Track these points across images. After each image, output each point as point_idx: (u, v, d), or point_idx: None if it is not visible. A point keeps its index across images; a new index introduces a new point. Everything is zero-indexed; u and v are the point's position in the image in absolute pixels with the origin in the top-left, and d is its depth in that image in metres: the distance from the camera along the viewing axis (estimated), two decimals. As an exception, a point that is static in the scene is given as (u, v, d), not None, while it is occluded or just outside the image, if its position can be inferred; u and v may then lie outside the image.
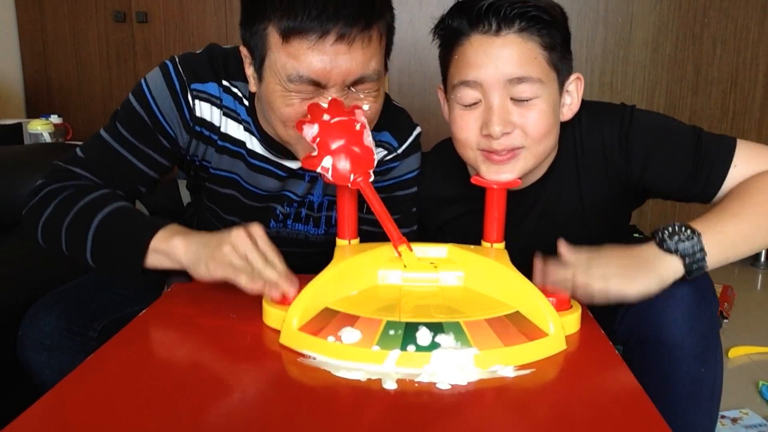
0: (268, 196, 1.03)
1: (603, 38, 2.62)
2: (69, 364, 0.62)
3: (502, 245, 0.85)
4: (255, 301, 0.83)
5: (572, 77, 0.92)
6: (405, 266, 0.79)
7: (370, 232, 0.93)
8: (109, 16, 2.78)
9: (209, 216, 1.08)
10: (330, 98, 0.82)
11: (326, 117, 0.80)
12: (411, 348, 0.64)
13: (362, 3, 0.80)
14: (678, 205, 2.77)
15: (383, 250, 0.81)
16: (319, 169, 0.81)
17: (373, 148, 0.82)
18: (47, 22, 2.81)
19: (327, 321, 0.69)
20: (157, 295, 0.86)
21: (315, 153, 0.81)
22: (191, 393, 0.60)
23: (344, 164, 0.80)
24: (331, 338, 0.66)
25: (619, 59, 2.62)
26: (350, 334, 0.66)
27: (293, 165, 1.00)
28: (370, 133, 0.82)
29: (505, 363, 0.65)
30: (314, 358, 0.67)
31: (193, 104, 0.94)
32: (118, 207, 0.87)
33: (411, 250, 0.79)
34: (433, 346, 0.65)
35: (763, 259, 2.81)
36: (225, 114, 0.96)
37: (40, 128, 2.16)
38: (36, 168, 1.55)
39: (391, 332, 0.66)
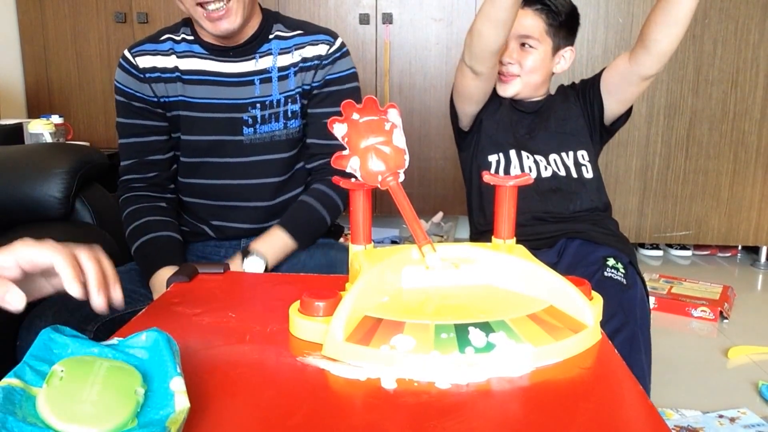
0: (231, 106, 1.25)
1: (603, 39, 2.62)
2: None
3: (513, 241, 0.85)
4: (255, 301, 0.82)
5: (568, 48, 1.45)
6: (427, 267, 0.78)
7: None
8: (110, 16, 2.78)
9: (191, 155, 1.30)
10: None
11: (355, 116, 0.79)
12: (469, 350, 0.64)
13: None
14: (678, 208, 2.77)
15: (405, 254, 0.79)
16: (348, 169, 0.80)
17: (404, 148, 0.81)
18: (48, 22, 2.82)
19: (371, 329, 0.67)
20: (151, 296, 0.86)
21: (346, 152, 0.81)
22: (189, 393, 0.60)
23: (373, 164, 0.79)
24: (384, 347, 0.65)
25: (620, 60, 2.62)
26: (404, 342, 0.65)
27: (230, 69, 1.25)
28: (401, 134, 0.81)
29: (558, 357, 0.66)
30: (314, 358, 0.67)
31: (136, 62, 1.25)
32: (144, 241, 1.21)
33: (435, 250, 0.79)
34: (490, 346, 0.65)
35: (763, 259, 2.81)
36: (163, 55, 1.25)
37: (41, 128, 2.16)
38: (36, 168, 1.55)
39: (444, 335, 0.65)
